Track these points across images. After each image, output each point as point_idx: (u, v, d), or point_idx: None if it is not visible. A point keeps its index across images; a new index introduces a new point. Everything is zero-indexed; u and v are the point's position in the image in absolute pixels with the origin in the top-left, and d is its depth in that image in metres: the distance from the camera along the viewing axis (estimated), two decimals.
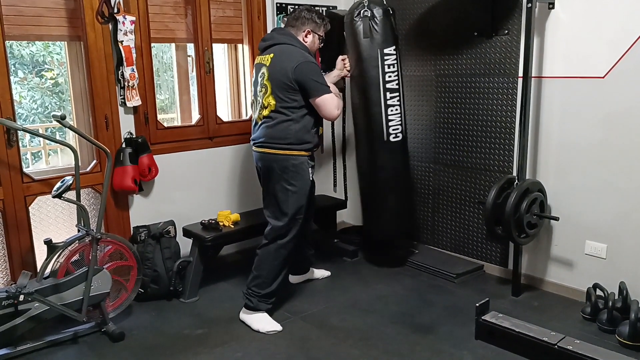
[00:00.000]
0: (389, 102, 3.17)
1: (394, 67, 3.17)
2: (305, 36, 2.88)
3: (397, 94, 3.20)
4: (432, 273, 3.50)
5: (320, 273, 3.51)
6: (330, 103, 2.73)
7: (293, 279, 3.37)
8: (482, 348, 2.60)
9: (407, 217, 3.55)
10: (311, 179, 2.87)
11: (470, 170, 3.53)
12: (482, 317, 2.66)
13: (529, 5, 2.88)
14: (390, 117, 3.18)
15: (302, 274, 3.43)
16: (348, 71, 3.20)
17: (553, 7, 2.97)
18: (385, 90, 3.16)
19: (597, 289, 2.89)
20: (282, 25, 3.20)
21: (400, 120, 3.23)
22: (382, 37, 3.12)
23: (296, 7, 3.63)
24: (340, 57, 3.21)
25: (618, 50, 2.76)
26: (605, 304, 2.76)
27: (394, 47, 3.16)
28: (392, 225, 3.44)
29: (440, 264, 3.54)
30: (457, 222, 3.68)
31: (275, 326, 2.82)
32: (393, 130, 3.21)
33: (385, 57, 3.14)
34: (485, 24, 3.27)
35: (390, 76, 3.17)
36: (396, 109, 3.20)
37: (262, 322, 2.84)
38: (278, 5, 3.76)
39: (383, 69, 3.14)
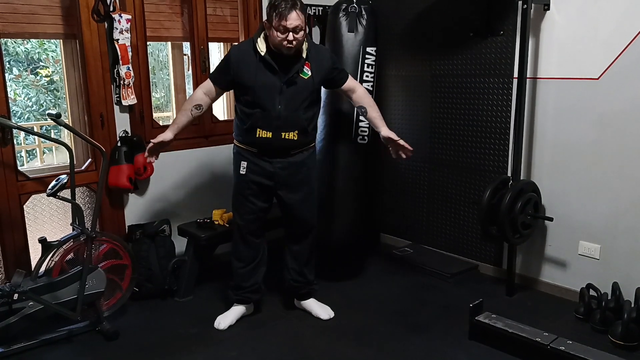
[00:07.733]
0: None
1: (371, 68, 3.17)
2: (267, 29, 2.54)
3: (371, 96, 3.19)
4: (427, 272, 3.51)
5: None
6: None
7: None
8: (476, 348, 2.61)
9: (360, 226, 3.40)
10: (243, 175, 2.73)
11: (465, 170, 3.54)
12: (476, 318, 2.68)
13: (525, 6, 2.89)
14: (361, 117, 3.17)
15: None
16: None
17: (548, 9, 2.98)
18: None
19: (591, 290, 2.90)
20: None
21: (368, 124, 3.20)
22: (366, 35, 3.13)
23: None
24: None
25: (612, 52, 2.77)
26: (599, 305, 2.78)
27: (375, 48, 3.16)
28: (343, 233, 3.31)
29: (435, 264, 3.56)
30: (451, 222, 3.70)
31: (219, 324, 2.82)
32: (361, 132, 3.21)
33: (367, 56, 3.14)
34: (481, 25, 3.28)
35: (367, 76, 3.17)
36: None
37: (225, 315, 2.87)
38: None
39: (362, 67, 3.14)
